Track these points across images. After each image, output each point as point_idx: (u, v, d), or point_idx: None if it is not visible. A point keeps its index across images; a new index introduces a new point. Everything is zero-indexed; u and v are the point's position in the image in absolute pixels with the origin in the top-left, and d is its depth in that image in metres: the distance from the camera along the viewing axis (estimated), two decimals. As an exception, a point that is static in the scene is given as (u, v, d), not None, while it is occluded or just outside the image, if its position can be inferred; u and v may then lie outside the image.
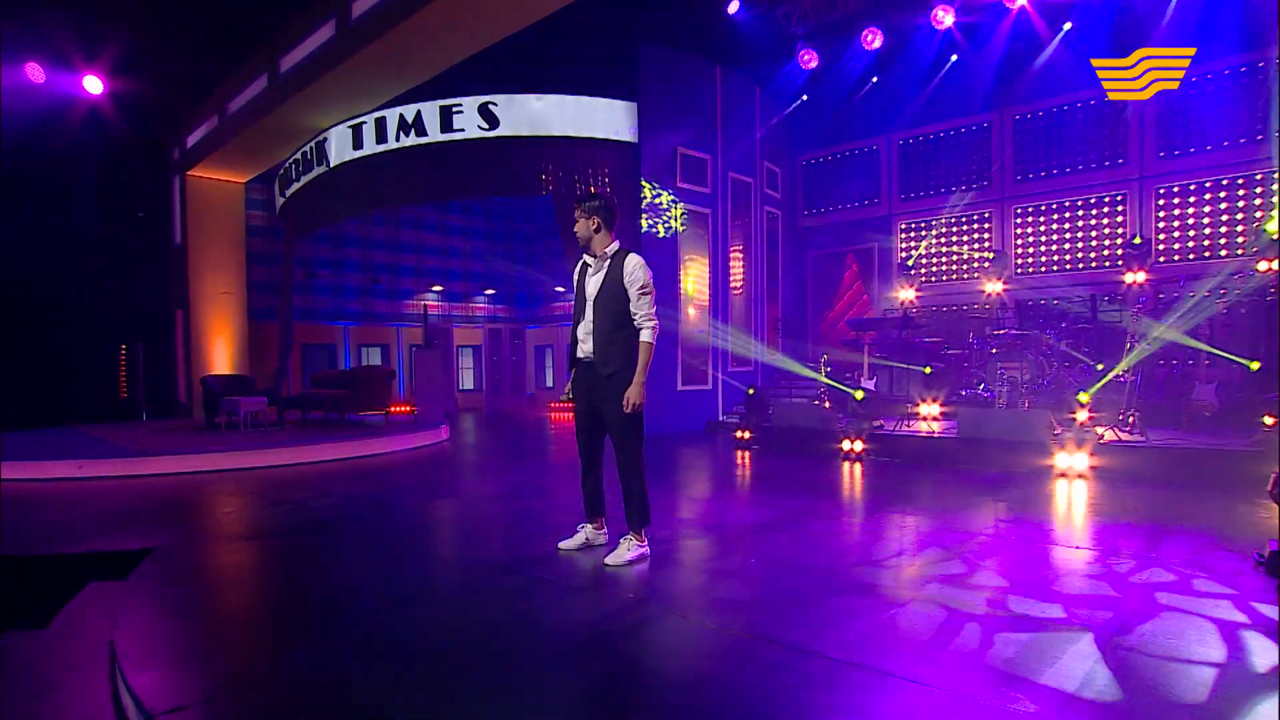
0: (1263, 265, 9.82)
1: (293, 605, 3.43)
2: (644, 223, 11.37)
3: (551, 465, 8.57)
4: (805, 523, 4.91)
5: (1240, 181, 10.51)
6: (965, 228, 13.35)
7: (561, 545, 4.20)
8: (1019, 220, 12.76)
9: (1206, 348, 8.06)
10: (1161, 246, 11.20)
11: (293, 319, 14.56)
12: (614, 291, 3.92)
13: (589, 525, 4.26)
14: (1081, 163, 12.02)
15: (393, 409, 11.37)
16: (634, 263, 3.93)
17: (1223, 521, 4.66)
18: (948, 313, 13.52)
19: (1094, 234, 11.95)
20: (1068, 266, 12.20)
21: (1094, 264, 11.91)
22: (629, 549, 3.92)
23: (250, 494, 6.55)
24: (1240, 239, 10.37)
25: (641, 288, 3.91)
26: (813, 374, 11.71)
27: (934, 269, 13.69)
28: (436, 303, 18.02)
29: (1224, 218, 10.68)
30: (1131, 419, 7.33)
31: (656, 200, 11.57)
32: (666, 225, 11.75)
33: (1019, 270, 12.62)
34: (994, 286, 12.50)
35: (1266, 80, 10.27)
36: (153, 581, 3.86)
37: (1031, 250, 12.60)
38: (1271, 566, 3.53)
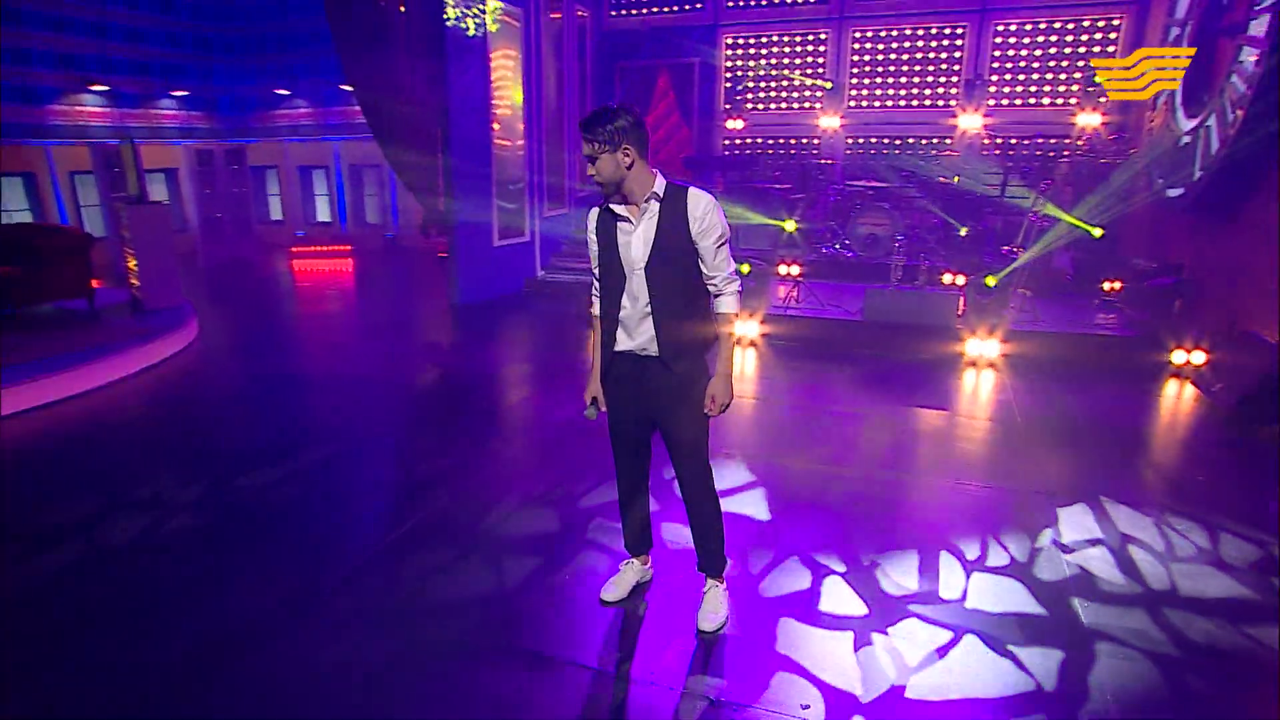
0: (1082, 119, 10.89)
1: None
2: (450, 14, 9.10)
3: (393, 382, 7.00)
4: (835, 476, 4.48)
5: (1085, 24, 11.24)
6: (800, 49, 12.88)
7: (607, 596, 3.25)
8: (856, 46, 12.58)
9: (1067, 217, 8.80)
10: (993, 89, 11.83)
11: None
12: (677, 251, 2.76)
13: (635, 561, 3.34)
14: (927, -14, 11.94)
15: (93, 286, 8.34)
16: (705, 203, 2.75)
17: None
18: (784, 149, 13.34)
19: (931, 68, 12.23)
20: (902, 102, 12.47)
21: (928, 101, 12.31)
22: (720, 601, 3.13)
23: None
24: (1075, 86, 11.27)
25: (719, 238, 2.79)
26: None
27: (764, 96, 13.20)
28: (101, 109, 13.40)
29: (1063, 63, 11.45)
30: (1024, 293, 7.86)
31: None
32: (478, 21, 9.57)
33: (852, 104, 12.65)
34: (830, 121, 12.51)
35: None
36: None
37: (867, 82, 12.61)
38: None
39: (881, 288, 7.86)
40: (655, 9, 13.55)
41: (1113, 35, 11.11)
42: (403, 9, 8.55)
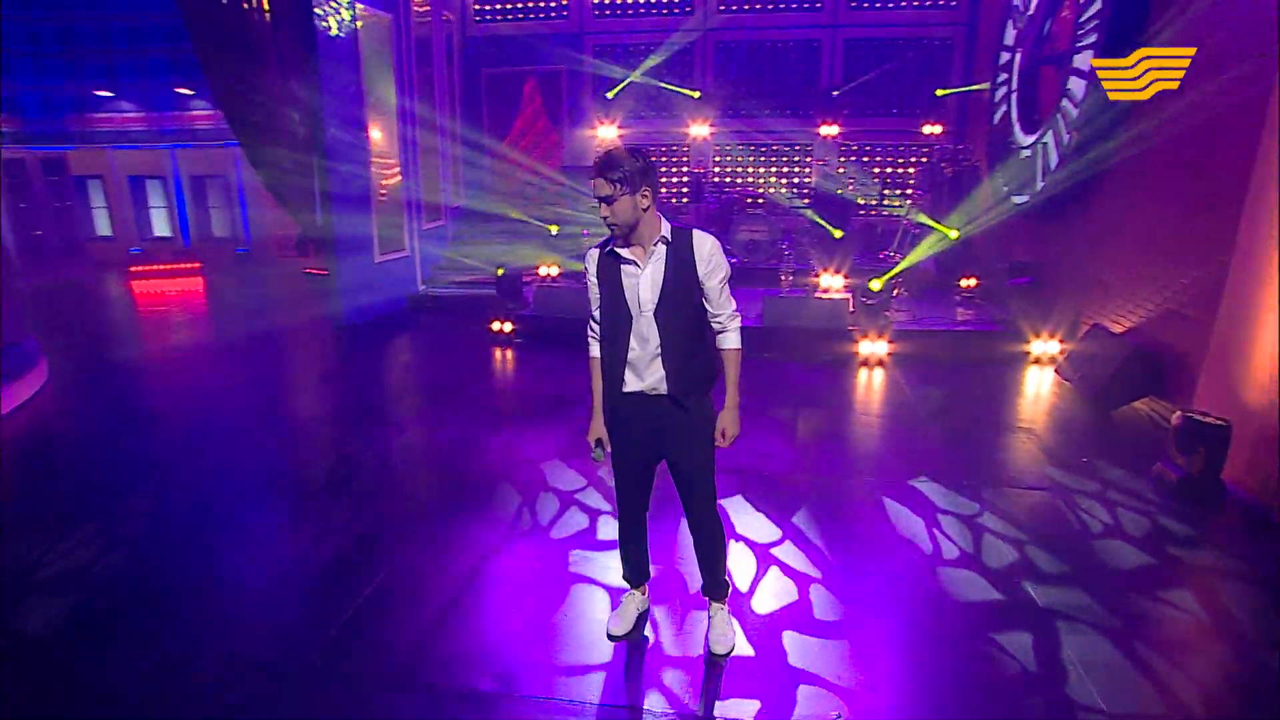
0: (926, 129, 11.96)
1: None
2: (331, 24, 8.61)
3: (300, 420, 6.58)
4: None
5: (924, 41, 12.27)
6: (667, 58, 13.17)
7: (615, 631, 3.27)
8: (720, 56, 13.07)
9: (929, 220, 9.67)
10: (848, 100, 12.67)
11: None
12: (685, 292, 2.87)
13: (636, 592, 3.41)
14: (783, 1, 12.59)
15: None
16: (711, 244, 2.88)
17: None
18: (661, 156, 13.60)
19: (792, 79, 12.90)
20: (766, 111, 13.08)
21: (789, 110, 12.99)
22: (728, 623, 3.26)
23: None
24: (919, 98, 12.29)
25: (725, 277, 2.95)
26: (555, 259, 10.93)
27: (634, 104, 13.37)
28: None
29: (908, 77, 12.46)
30: (897, 292, 8.56)
31: None
32: (346, 19, 9.05)
33: (719, 113, 13.11)
34: (699, 130, 12.95)
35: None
36: None
37: (733, 92, 13.10)
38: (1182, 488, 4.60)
39: (774, 294, 8.29)
40: (520, 16, 13.42)
41: (948, 54, 12.23)
42: (268, 10, 7.96)
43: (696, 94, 12.75)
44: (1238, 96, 5.16)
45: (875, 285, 7.91)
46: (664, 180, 13.49)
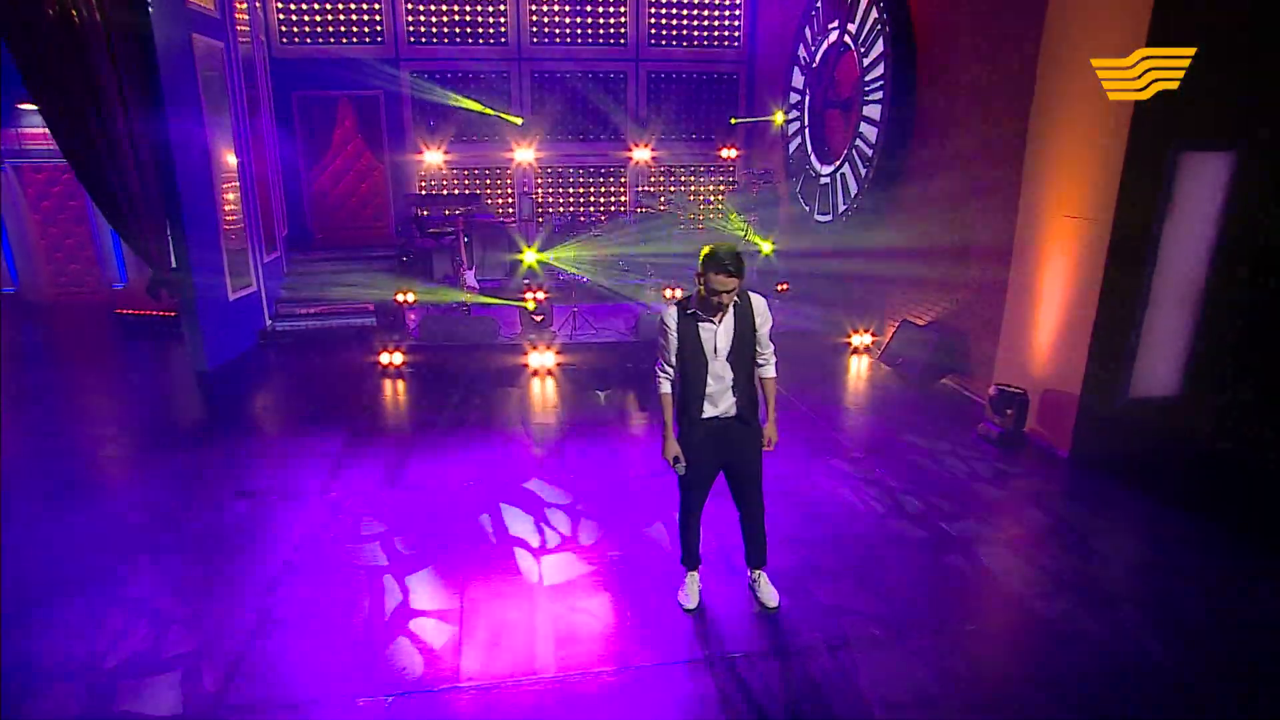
0: (725, 153, 13.69)
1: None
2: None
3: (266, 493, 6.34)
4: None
5: (715, 76, 13.93)
6: (486, 84, 13.59)
7: (689, 605, 4.16)
8: (536, 84, 13.77)
9: (757, 238, 11.28)
10: (653, 126, 14.04)
11: None
12: (747, 340, 3.87)
13: (694, 573, 4.31)
14: (590, 36, 13.63)
15: None
16: (764, 304, 3.90)
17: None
18: (486, 180, 13.99)
19: (604, 107, 13.97)
20: (583, 136, 14.05)
21: (603, 136, 14.07)
22: (770, 582, 4.28)
23: None
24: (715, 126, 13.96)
25: (771, 327, 4.01)
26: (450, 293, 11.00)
27: (458, 129, 13.63)
28: None
29: (701, 106, 14.07)
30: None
31: None
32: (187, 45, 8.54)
33: (541, 138, 13.84)
34: (524, 155, 13.62)
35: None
36: None
37: (550, 119, 13.89)
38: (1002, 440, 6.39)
39: (653, 308, 9.36)
40: (331, 39, 13.11)
41: (734, 88, 14.03)
42: (104, 29, 7.23)
43: (519, 120, 13.37)
44: (1003, 130, 6.91)
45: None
46: (495, 201, 13.98)
